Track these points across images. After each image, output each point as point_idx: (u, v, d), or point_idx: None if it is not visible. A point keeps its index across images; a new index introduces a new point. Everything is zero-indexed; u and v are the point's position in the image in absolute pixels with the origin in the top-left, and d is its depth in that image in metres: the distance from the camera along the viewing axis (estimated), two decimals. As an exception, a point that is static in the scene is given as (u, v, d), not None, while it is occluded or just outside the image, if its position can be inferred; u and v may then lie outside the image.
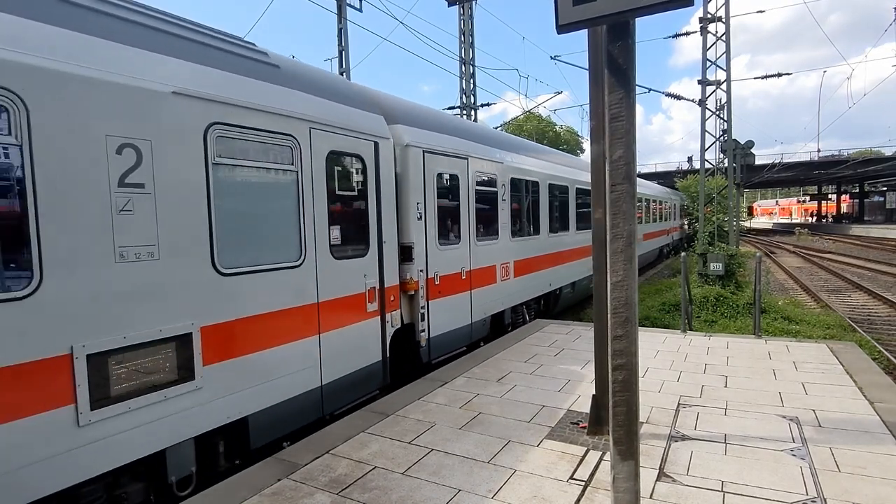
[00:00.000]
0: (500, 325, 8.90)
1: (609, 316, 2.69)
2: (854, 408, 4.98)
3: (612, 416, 2.74)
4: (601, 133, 4.36)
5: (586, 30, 4.19)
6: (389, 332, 5.98)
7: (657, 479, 3.74)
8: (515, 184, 9.24)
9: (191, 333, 3.77)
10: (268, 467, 4.08)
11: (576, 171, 12.46)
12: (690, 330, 9.06)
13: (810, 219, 78.63)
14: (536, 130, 41.51)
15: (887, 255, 28.30)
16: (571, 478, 3.83)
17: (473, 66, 19.00)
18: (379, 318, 5.78)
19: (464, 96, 19.05)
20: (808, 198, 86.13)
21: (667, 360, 6.81)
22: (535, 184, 10.13)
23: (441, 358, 7.09)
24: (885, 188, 60.38)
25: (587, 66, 4.81)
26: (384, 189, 5.85)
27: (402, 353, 6.52)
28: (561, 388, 5.81)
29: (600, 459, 4.09)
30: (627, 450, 2.70)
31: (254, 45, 4.75)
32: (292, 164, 4.71)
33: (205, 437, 3.95)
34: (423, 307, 6.53)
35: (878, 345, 10.34)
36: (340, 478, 3.88)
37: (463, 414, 5.12)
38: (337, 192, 5.24)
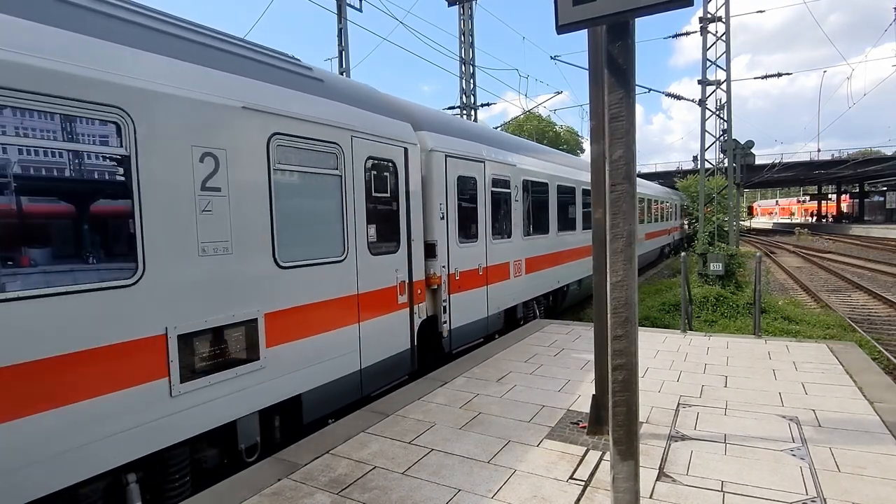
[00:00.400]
0: (513, 319, 9.28)
1: (609, 316, 2.69)
2: (854, 408, 4.98)
3: (612, 416, 2.74)
4: (601, 133, 4.36)
5: (586, 30, 4.19)
6: (417, 322, 6.49)
7: (657, 479, 3.75)
8: (527, 185, 9.67)
9: (257, 319, 4.32)
10: (268, 467, 4.08)
11: (581, 172, 12.61)
12: (690, 330, 9.06)
13: (810, 219, 78.64)
14: (536, 130, 41.51)
15: (887, 254, 28.31)
16: (571, 478, 3.83)
17: (473, 66, 19.00)
18: (408, 309, 6.31)
19: (464, 96, 19.05)
20: (808, 198, 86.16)
21: (667, 360, 6.81)
22: (545, 185, 10.53)
23: (461, 348, 7.52)
24: (885, 188, 60.38)
25: (587, 66, 4.81)
26: (412, 191, 6.40)
27: (426, 343, 6.92)
28: (561, 388, 5.81)
29: (600, 459, 4.09)
30: (627, 450, 2.71)
31: (299, 60, 5.30)
32: (337, 169, 5.25)
33: (267, 411, 4.48)
34: (444, 300, 6.99)
35: (877, 345, 10.34)
36: (340, 478, 3.88)
37: (463, 414, 5.12)
38: (373, 194, 5.77)
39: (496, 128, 21.38)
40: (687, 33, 18.75)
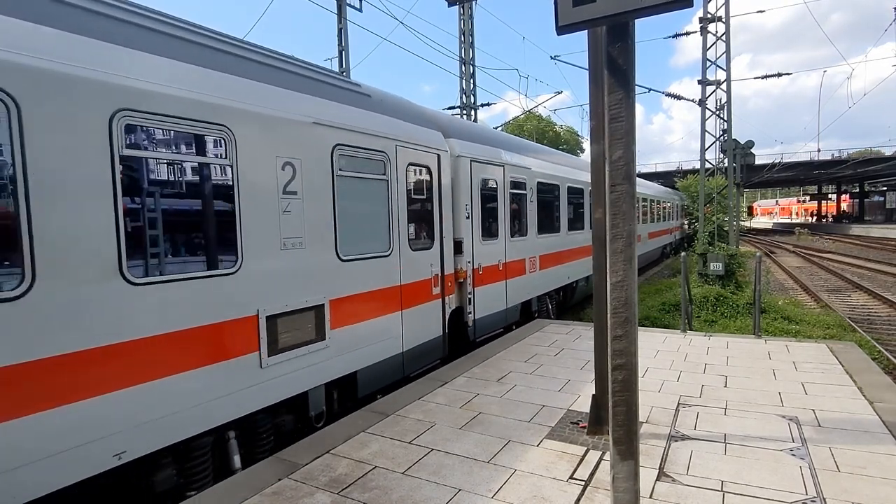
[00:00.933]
0: (528, 312, 9.88)
1: (609, 316, 2.69)
2: (854, 408, 4.99)
3: (612, 416, 2.75)
4: (601, 133, 4.37)
5: (586, 30, 4.20)
6: (447, 312, 7.18)
7: (657, 479, 3.75)
8: (540, 187, 10.28)
9: (323, 304, 5.03)
10: (268, 467, 4.08)
11: (588, 174, 13.03)
12: (690, 330, 9.06)
13: (810, 218, 78.63)
14: (536, 130, 41.51)
15: (887, 254, 28.31)
16: (571, 477, 3.83)
17: (473, 66, 19.00)
18: (441, 300, 7.01)
19: (463, 96, 19.06)
20: (808, 197, 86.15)
21: (667, 359, 6.82)
22: (556, 187, 11.14)
23: (483, 337, 8.09)
24: (885, 188, 60.37)
25: (587, 67, 4.82)
26: (444, 193, 7.07)
27: (454, 332, 7.50)
28: (561, 388, 5.82)
29: (600, 459, 4.10)
30: (627, 449, 2.71)
31: (348, 78, 6.16)
32: (384, 175, 5.93)
33: (331, 384, 5.22)
34: (470, 293, 7.62)
35: (877, 345, 10.35)
36: (341, 477, 3.89)
37: (463, 414, 5.12)
38: (412, 196, 6.45)
39: (496, 128, 21.39)
40: (687, 33, 18.75)
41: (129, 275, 3.44)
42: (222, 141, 4.10)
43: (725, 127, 17.14)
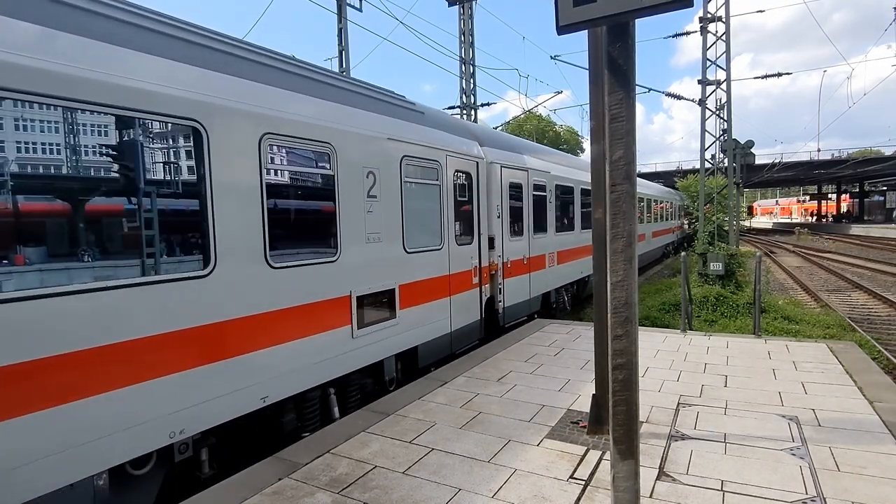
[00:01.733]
0: (547, 303, 10.82)
1: (609, 315, 2.70)
2: (854, 407, 4.99)
3: (612, 416, 2.75)
4: (601, 133, 4.37)
5: (586, 30, 4.20)
6: (483, 299, 8.17)
7: (657, 479, 3.75)
8: (558, 189, 11.24)
9: (394, 289, 6.01)
10: (268, 466, 4.09)
11: None
12: (690, 329, 9.07)
13: (810, 218, 78.61)
14: (536, 130, 41.51)
15: (887, 254, 28.31)
16: (571, 477, 3.84)
17: (473, 65, 18.99)
18: (479, 289, 8.01)
19: (463, 96, 19.05)
20: (807, 197, 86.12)
21: (667, 359, 6.82)
22: (571, 189, 12.05)
23: (511, 323, 8.96)
24: (885, 188, 60.35)
25: (587, 67, 4.82)
26: (481, 195, 8.08)
27: (487, 318, 8.42)
28: (561, 388, 5.82)
29: (600, 459, 4.10)
30: (627, 449, 2.71)
31: (405, 98, 6.93)
32: (437, 180, 6.93)
33: (399, 355, 6.23)
34: (500, 284, 8.57)
35: (877, 344, 10.35)
36: (341, 477, 3.89)
37: (463, 413, 5.13)
38: (457, 199, 7.44)
39: (495, 128, 21.40)
40: (687, 33, 18.74)
41: (271, 261, 4.45)
42: (328, 155, 5.12)
43: (725, 127, 17.14)
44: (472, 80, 19.03)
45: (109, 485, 3.43)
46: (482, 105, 20.45)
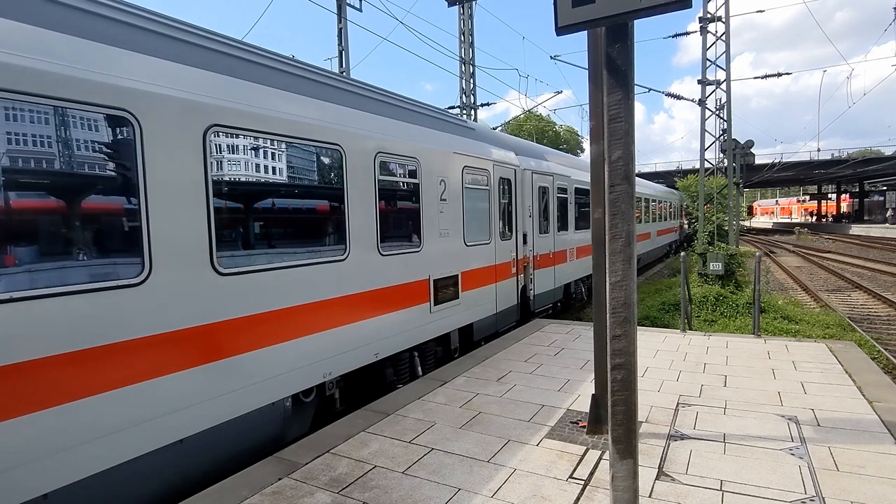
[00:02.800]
0: (568, 293, 12.15)
1: (608, 315, 2.70)
2: (853, 407, 5.00)
3: (612, 416, 2.76)
4: (600, 133, 4.37)
5: (586, 31, 4.20)
6: (519, 287, 9.46)
7: (656, 478, 3.76)
8: (577, 191, 12.48)
9: (458, 275, 7.36)
10: (268, 466, 4.09)
11: None
12: (690, 329, 9.07)
13: (810, 218, 78.58)
14: (536, 130, 41.49)
15: (887, 254, 28.31)
16: (571, 477, 3.84)
17: (473, 65, 18.99)
18: (516, 278, 9.29)
19: (463, 96, 19.05)
20: (807, 197, 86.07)
21: (666, 359, 6.83)
22: (587, 191, 12.55)
23: (539, 310, 10.30)
24: (884, 188, 60.30)
25: (587, 67, 4.82)
26: (517, 198, 9.37)
27: (522, 303, 9.79)
28: (560, 388, 5.82)
29: (600, 458, 4.11)
30: (626, 449, 2.72)
31: (461, 118, 8.68)
32: (487, 186, 8.31)
33: (460, 329, 7.58)
34: (531, 274, 9.88)
35: (877, 344, 10.35)
36: (341, 477, 3.90)
37: (463, 413, 5.13)
38: (500, 201, 8.76)
39: (495, 128, 21.39)
40: (687, 33, 18.71)
41: (381, 250, 5.78)
42: (415, 169, 6.44)
43: (725, 127, 17.14)
44: (472, 80, 19.03)
45: (292, 406, 4.75)
46: (482, 105, 20.44)
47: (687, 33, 18.59)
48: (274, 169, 4.69)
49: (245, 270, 4.20)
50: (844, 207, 72.62)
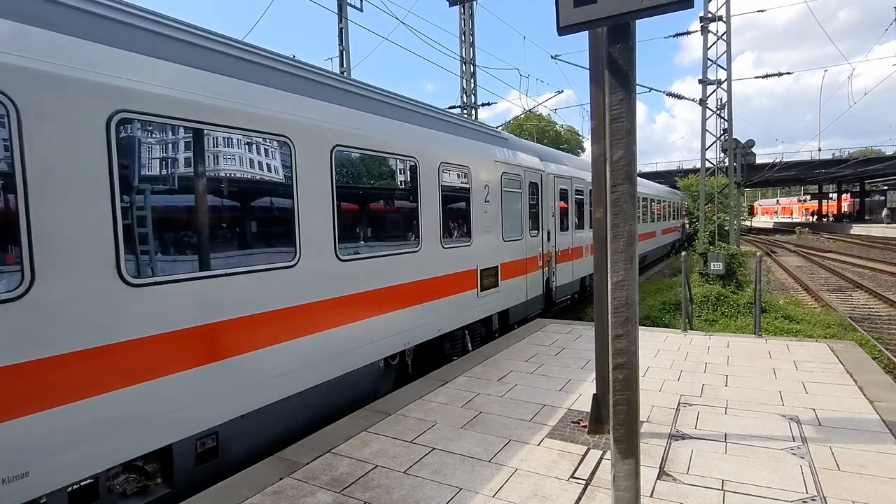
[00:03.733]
0: (583, 286, 13.08)
1: (610, 315, 2.70)
2: (854, 407, 4.99)
3: (613, 415, 2.76)
4: (602, 133, 4.37)
5: (587, 31, 4.19)
6: (545, 279, 10.67)
7: (658, 478, 3.76)
8: (591, 192, 12.50)
9: (498, 266, 8.52)
10: (269, 466, 4.10)
11: None
12: (691, 329, 9.07)
13: (811, 218, 78.48)
14: (537, 130, 41.45)
15: (888, 254, 28.27)
16: (572, 476, 3.84)
17: (474, 65, 18.99)
18: (542, 270, 10.48)
19: (464, 96, 19.05)
20: (808, 197, 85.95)
21: (667, 359, 6.83)
22: None
23: (559, 300, 11.46)
24: (885, 187, 60.21)
25: (588, 67, 4.82)
26: (543, 199, 10.54)
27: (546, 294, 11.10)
28: (562, 388, 5.82)
29: (601, 458, 4.11)
30: (628, 448, 2.72)
31: (498, 130, 9.90)
32: (520, 189, 9.46)
33: (499, 313, 8.74)
34: (554, 268, 11.05)
35: (878, 344, 10.35)
36: (342, 476, 3.90)
37: (464, 413, 5.13)
38: (529, 202, 9.85)
39: (496, 127, 21.41)
40: (688, 32, 18.69)
41: (443, 244, 7.00)
42: (466, 175, 7.63)
43: (726, 126, 17.13)
44: (472, 80, 19.03)
45: (383, 367, 5.99)
46: (483, 105, 20.44)
47: (688, 33, 18.57)
48: (375, 179, 6.01)
49: (356, 258, 5.44)
50: (845, 207, 72.53)
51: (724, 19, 16.13)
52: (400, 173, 6.28)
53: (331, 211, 5.02)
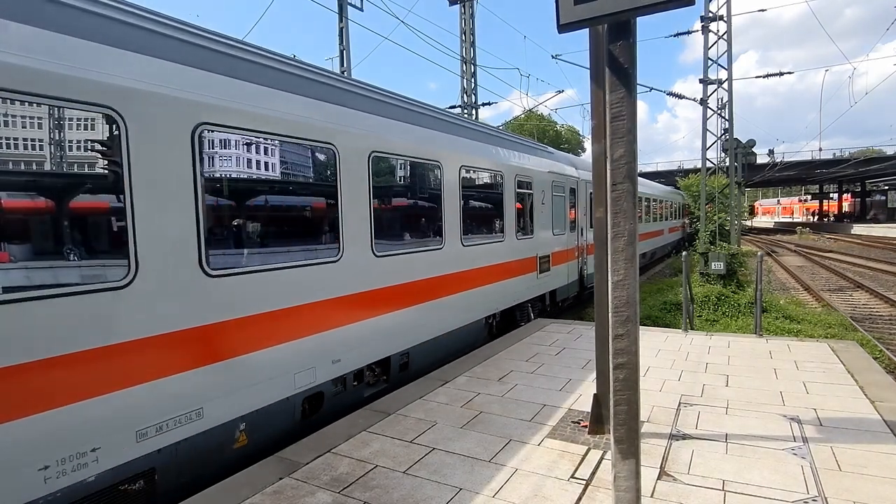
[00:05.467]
0: None
1: (610, 315, 2.69)
2: (855, 407, 4.98)
3: (614, 415, 2.74)
4: (602, 132, 4.35)
5: (587, 29, 4.18)
6: (579, 267, 12.62)
7: (658, 478, 3.75)
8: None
9: (550, 254, 10.64)
10: (269, 466, 4.09)
11: (644, 182, 22.37)
12: (692, 329, 9.05)
13: (812, 218, 78.38)
14: (537, 129, 41.44)
15: (889, 254, 28.24)
16: (573, 476, 3.83)
17: (475, 65, 18.98)
18: (577, 260, 12.47)
19: (465, 95, 19.04)
20: (809, 197, 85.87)
21: (668, 359, 6.81)
22: None
23: (589, 285, 12.81)
24: (886, 187, 60.12)
25: (588, 65, 4.80)
26: (578, 202, 12.50)
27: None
28: (562, 388, 5.81)
29: (601, 458, 4.10)
30: (628, 448, 2.71)
31: (544, 145, 12.00)
32: (564, 193, 11.46)
33: (549, 292, 10.86)
34: (585, 259, 12.90)
35: (879, 344, 10.33)
36: (342, 476, 3.89)
37: (464, 413, 5.12)
38: (567, 204, 11.78)
39: (497, 127, 21.43)
40: (689, 32, 18.68)
41: (517, 236, 9.15)
42: (529, 183, 9.65)
43: (727, 126, 17.11)
44: (473, 80, 19.02)
45: (483, 325, 8.26)
46: (484, 104, 20.42)
47: (688, 32, 18.55)
48: (474, 188, 8.01)
49: (473, 244, 7.80)
50: (846, 207, 72.44)
51: (725, 19, 16.11)
52: (495, 185, 8.58)
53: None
